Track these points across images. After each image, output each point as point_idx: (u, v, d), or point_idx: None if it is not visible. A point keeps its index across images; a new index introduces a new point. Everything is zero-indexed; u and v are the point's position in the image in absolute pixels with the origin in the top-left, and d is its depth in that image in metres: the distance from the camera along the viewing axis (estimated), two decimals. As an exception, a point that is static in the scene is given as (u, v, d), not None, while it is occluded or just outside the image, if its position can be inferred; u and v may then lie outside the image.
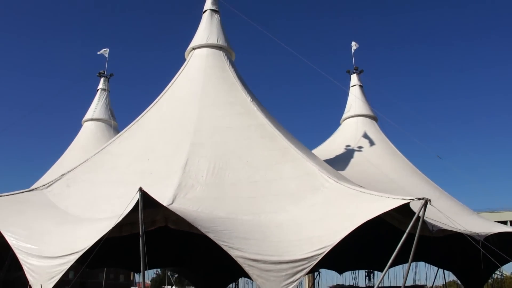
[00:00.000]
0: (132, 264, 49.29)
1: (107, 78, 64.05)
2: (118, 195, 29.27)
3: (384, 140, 53.77)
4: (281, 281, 24.58)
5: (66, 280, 35.51)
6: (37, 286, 24.62)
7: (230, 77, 42.26)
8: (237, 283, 60.51)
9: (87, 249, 24.55)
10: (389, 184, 41.93)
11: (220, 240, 25.39)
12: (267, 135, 36.64)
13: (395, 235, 29.00)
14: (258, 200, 30.75)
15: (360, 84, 58.99)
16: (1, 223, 28.75)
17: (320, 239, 25.50)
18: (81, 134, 59.87)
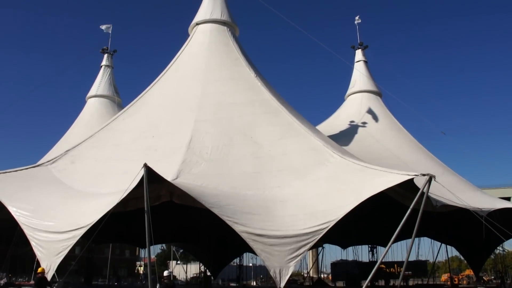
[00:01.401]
0: (138, 240, 49.81)
1: (110, 55, 63.82)
2: (123, 171, 29.41)
3: (389, 116, 53.64)
4: (285, 255, 24.82)
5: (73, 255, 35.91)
6: (45, 261, 24.95)
7: (234, 53, 42.05)
8: (241, 258, 61.06)
9: (92, 224, 24.92)
10: (393, 160, 41.92)
11: (224, 215, 25.62)
12: (271, 110, 36.59)
13: (398, 210, 29.11)
14: (262, 175, 30.85)
15: (364, 59, 58.66)
16: (7, 199, 29.02)
17: (324, 214, 25.64)
18: (85, 111, 59.89)
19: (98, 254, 73.00)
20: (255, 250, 25.05)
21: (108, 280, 69.21)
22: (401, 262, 56.80)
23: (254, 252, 27.78)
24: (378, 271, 28.61)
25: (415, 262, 60.73)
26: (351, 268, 63.15)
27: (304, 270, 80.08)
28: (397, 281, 41.91)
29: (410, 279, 61.03)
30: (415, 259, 61.01)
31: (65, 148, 38.26)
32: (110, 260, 71.92)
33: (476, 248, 43.58)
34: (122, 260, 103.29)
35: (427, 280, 63.13)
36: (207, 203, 25.54)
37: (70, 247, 25.02)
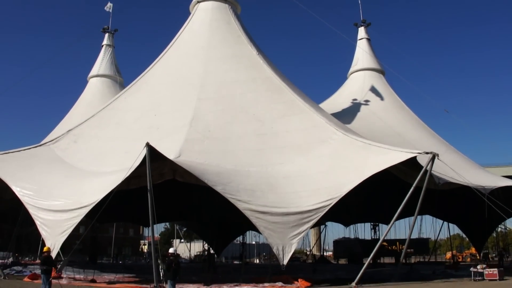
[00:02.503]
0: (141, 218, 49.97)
1: (111, 34, 63.44)
2: (125, 150, 29.41)
3: (391, 94, 53.40)
4: (288, 232, 24.96)
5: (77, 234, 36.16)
6: (50, 240, 25.12)
7: (235, 31, 41.77)
8: (245, 236, 61.37)
9: (96, 203, 25.03)
10: (396, 138, 41.85)
11: (227, 193, 25.70)
12: (273, 88, 36.47)
13: (401, 187, 29.23)
14: (265, 152, 30.86)
15: (367, 37, 58.19)
16: (11, 179, 29.09)
17: (327, 191, 25.72)
18: (87, 91, 59.76)
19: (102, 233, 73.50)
20: (258, 227, 25.19)
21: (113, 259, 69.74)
22: (403, 239, 57.09)
23: (257, 230, 27.99)
24: (380, 248, 28.72)
25: (417, 239, 61.07)
26: (353, 245, 63.45)
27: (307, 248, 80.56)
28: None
29: (412, 256, 61.38)
30: (417, 237, 61.38)
31: (67, 127, 38.27)
32: (114, 239, 72.46)
33: (478, 226, 43.69)
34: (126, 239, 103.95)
35: (429, 258, 63.47)
36: (209, 181, 25.61)
37: (74, 226, 25.19)
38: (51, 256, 21.59)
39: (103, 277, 30.72)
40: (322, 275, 33.01)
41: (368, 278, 26.46)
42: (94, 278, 28.42)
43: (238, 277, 27.71)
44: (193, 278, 27.93)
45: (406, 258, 49.45)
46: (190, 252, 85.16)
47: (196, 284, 25.05)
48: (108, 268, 42.47)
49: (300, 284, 25.17)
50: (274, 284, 25.11)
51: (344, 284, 25.34)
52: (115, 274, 32.62)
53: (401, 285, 25.44)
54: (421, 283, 26.59)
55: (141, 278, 29.56)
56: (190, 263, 67.05)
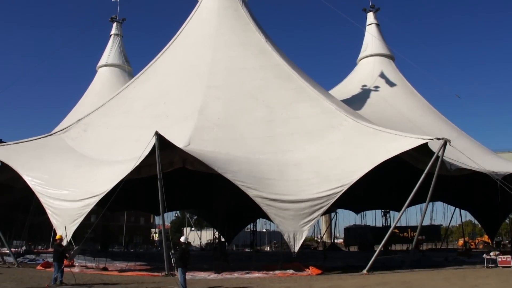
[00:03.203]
0: (152, 207, 50.22)
1: (119, 23, 63.34)
2: (135, 138, 29.45)
3: (401, 80, 52.92)
4: (299, 220, 24.87)
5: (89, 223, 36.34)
6: (61, 228, 25.24)
7: (243, 18, 41.47)
8: (255, 224, 61.49)
9: (107, 192, 25.08)
10: (406, 124, 41.53)
11: (237, 180, 25.61)
12: (282, 75, 36.25)
13: (412, 174, 29.01)
14: (275, 139, 30.74)
15: (376, 22, 57.58)
16: (22, 168, 29.26)
17: (337, 178, 25.57)
18: (96, 80, 59.85)
19: (113, 221, 73.95)
20: (269, 215, 25.12)
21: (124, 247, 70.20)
22: (414, 226, 56.92)
23: (267, 217, 27.89)
24: (391, 235, 28.60)
25: (429, 226, 60.81)
26: (364, 233, 63.48)
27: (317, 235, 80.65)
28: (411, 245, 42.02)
29: (423, 243, 61.20)
30: (429, 224, 61.09)
31: (77, 117, 38.36)
32: (126, 227, 72.85)
33: (491, 212, 43.40)
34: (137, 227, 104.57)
35: (441, 245, 63.27)
36: (220, 169, 25.55)
37: (85, 215, 25.28)
38: (62, 244, 21.75)
39: (115, 265, 30.89)
40: (333, 263, 33.02)
41: (379, 265, 26.42)
42: (106, 266, 28.59)
43: (249, 265, 27.74)
44: (204, 266, 28.01)
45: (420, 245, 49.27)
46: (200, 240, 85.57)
47: (207, 272, 25.08)
48: (120, 256, 42.77)
49: (311, 271, 25.14)
50: (285, 272, 25.11)
51: (355, 272, 25.25)
52: (126, 262, 32.82)
53: (413, 272, 25.31)
54: (433, 270, 26.44)
55: (152, 266, 29.70)
56: (201, 251, 67.40)
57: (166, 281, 21.15)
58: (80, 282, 20.35)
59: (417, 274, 24.33)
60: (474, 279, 22.17)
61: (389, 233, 27.45)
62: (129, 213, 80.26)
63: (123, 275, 24.47)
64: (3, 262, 29.93)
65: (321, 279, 23.00)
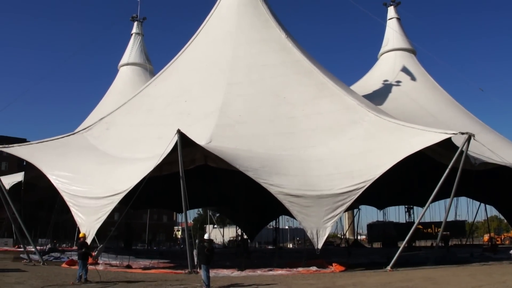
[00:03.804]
0: (175, 205, 50.41)
1: (140, 22, 63.80)
2: (157, 136, 29.58)
3: (424, 74, 52.32)
4: (322, 216, 24.70)
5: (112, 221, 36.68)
6: (85, 226, 25.48)
7: (263, 14, 41.34)
8: (278, 221, 61.44)
9: (130, 190, 25.24)
10: (429, 118, 41.04)
11: (259, 177, 25.55)
12: (303, 71, 36.06)
13: (435, 168, 28.63)
14: (296, 135, 30.61)
15: (397, 16, 56.95)
16: (46, 167, 29.62)
17: (360, 173, 25.35)
18: (118, 79, 60.39)
19: (136, 219, 74.57)
20: (292, 211, 25.02)
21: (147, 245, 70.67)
22: (438, 222, 56.27)
23: (290, 214, 27.78)
24: (415, 231, 28.24)
25: (454, 222, 60.05)
26: (388, 229, 62.97)
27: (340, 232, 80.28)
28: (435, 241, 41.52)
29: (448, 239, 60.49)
30: (453, 219, 60.33)
31: (100, 116, 38.70)
32: (149, 225, 73.32)
33: (517, 207, 42.72)
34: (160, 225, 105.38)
35: (466, 241, 62.45)
36: (241, 167, 25.52)
37: (108, 213, 25.47)
38: (87, 242, 21.94)
39: (138, 262, 31.08)
40: (357, 259, 32.78)
41: (403, 262, 26.09)
42: (129, 264, 28.76)
43: (272, 262, 27.65)
44: (227, 263, 28.00)
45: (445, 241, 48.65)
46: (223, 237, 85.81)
47: (230, 269, 25.09)
48: (143, 254, 43.05)
49: (334, 268, 24.98)
50: (309, 269, 24.97)
51: (379, 268, 25.02)
52: (150, 260, 32.99)
53: (438, 269, 24.98)
54: (459, 267, 26.07)
55: (175, 263, 29.79)
56: (223, 249, 67.51)
57: (190, 279, 21.19)
58: (105, 279, 20.48)
59: (442, 271, 23.99)
60: (501, 275, 21.80)
61: (413, 229, 27.10)
62: (152, 211, 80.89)
63: (146, 273, 24.58)
64: (29, 260, 30.30)
65: (345, 276, 22.83)
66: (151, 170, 24.42)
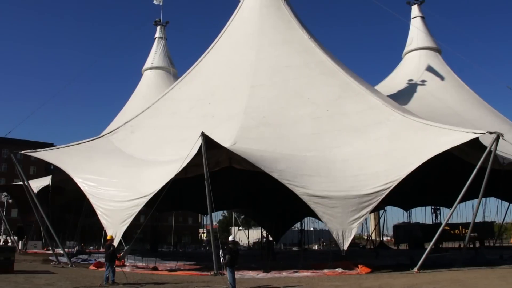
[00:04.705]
0: (200, 207, 50.67)
1: (163, 26, 64.43)
2: (181, 139, 29.69)
3: (449, 73, 51.73)
4: (348, 217, 24.47)
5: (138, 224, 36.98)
6: (111, 229, 25.73)
7: (286, 15, 41.30)
8: (303, 223, 61.18)
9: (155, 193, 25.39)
10: (455, 118, 40.53)
11: (284, 179, 25.44)
12: (327, 71, 35.90)
13: (463, 168, 28.18)
14: (321, 136, 30.44)
15: (421, 15, 56.43)
16: (73, 170, 30.02)
17: (386, 174, 25.05)
18: (142, 83, 61.05)
19: (162, 222, 75.09)
20: (317, 212, 24.85)
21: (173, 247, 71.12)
22: (466, 223, 55.42)
23: (315, 215, 27.67)
24: (442, 233, 27.78)
25: (482, 223, 59.04)
26: (414, 230, 62.20)
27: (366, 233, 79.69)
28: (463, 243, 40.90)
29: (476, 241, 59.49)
30: (482, 220, 59.33)
31: (125, 119, 39.10)
32: (174, 227, 73.80)
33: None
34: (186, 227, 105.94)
35: (494, 242, 61.36)
36: (266, 168, 25.46)
37: (134, 216, 25.66)
38: (114, 244, 22.16)
39: (165, 264, 31.27)
40: (383, 261, 32.48)
41: (430, 264, 25.75)
42: (155, 265, 28.96)
43: (297, 264, 27.56)
44: (252, 265, 28.00)
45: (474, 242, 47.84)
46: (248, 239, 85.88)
47: (255, 271, 25.07)
48: (169, 256, 43.30)
49: (360, 270, 24.76)
50: (334, 270, 24.81)
51: (405, 270, 24.72)
52: (175, 262, 33.18)
53: (466, 271, 24.56)
54: (488, 269, 25.53)
55: (201, 265, 29.90)
56: (248, 250, 67.54)
57: (215, 280, 21.23)
58: (131, 281, 20.65)
59: (470, 273, 23.54)
60: (532, 277, 21.34)
61: (441, 230, 26.69)
62: (177, 213, 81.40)
63: (172, 275, 24.71)
64: (58, 262, 30.75)
65: (371, 277, 22.61)
66: (176, 173, 24.51)
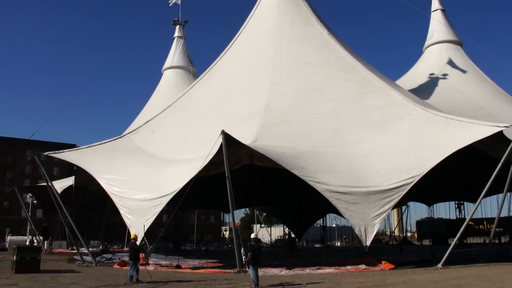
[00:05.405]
0: (222, 205, 50.80)
1: (182, 26, 64.68)
2: (202, 137, 29.78)
3: (471, 66, 51.03)
4: (370, 213, 24.32)
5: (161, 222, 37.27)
6: (134, 228, 25.94)
7: (304, 12, 41.06)
8: (325, 219, 61.04)
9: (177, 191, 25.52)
10: (478, 111, 39.95)
11: (305, 175, 25.37)
12: (347, 67, 35.67)
13: (487, 163, 27.76)
14: (342, 131, 30.30)
15: (442, 8, 55.72)
16: (96, 170, 30.31)
17: (408, 168, 24.80)
18: (162, 82, 61.46)
19: (184, 220, 75.54)
20: (339, 209, 24.74)
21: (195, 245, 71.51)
22: (491, 218, 54.74)
23: (337, 212, 27.51)
24: (466, 228, 27.40)
25: (507, 218, 58.24)
26: (438, 226, 61.70)
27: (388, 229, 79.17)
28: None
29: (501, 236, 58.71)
30: (507, 215, 58.52)
31: (145, 119, 39.37)
32: (196, 225, 74.18)
33: None
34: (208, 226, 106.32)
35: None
36: (287, 165, 25.42)
37: (157, 214, 25.81)
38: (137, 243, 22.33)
39: (188, 262, 31.42)
40: (406, 257, 32.19)
41: (454, 259, 25.44)
42: (179, 264, 29.12)
43: (320, 261, 27.47)
44: (275, 262, 27.97)
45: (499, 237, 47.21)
46: (270, 236, 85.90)
47: (278, 268, 25.05)
48: (192, 254, 43.49)
49: (384, 266, 24.58)
50: (358, 267, 24.66)
51: (429, 266, 24.47)
52: (198, 260, 33.30)
53: (491, 266, 24.22)
54: (514, 264, 25.16)
55: (224, 263, 29.97)
56: (271, 248, 67.56)
57: (238, 278, 21.24)
58: (155, 279, 20.77)
59: (496, 268, 23.20)
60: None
61: (465, 225, 26.34)
62: (200, 211, 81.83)
63: (196, 273, 24.80)
64: (82, 261, 31.09)
65: (395, 274, 22.42)
66: (197, 171, 24.59)
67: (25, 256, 24.13)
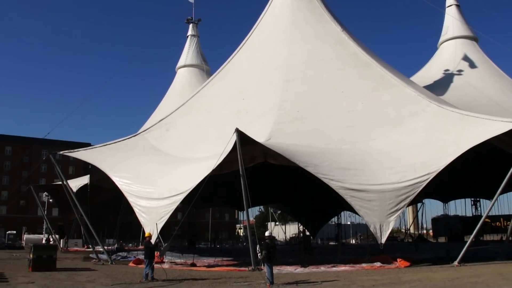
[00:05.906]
0: (236, 203, 50.88)
1: (195, 24, 64.73)
2: (216, 135, 29.86)
3: (487, 62, 50.47)
4: (385, 210, 24.15)
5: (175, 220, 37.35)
6: (149, 226, 26.06)
7: (317, 8, 40.88)
8: (339, 217, 60.84)
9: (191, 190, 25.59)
10: (495, 107, 39.45)
11: (319, 173, 25.28)
12: (361, 64, 35.45)
13: (503, 159, 27.47)
14: (356, 128, 30.16)
15: (456, 3, 55.13)
16: (110, 169, 30.50)
17: (423, 165, 24.61)
18: (176, 81, 61.61)
19: (199, 218, 75.71)
20: (353, 206, 24.63)
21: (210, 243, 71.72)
22: (508, 215, 54.19)
23: (352, 209, 27.38)
24: (482, 225, 27.10)
25: (524, 215, 57.73)
26: (454, 223, 61.24)
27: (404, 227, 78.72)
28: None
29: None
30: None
31: (159, 117, 39.50)
32: (211, 223, 74.35)
33: None
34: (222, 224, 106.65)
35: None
36: (301, 162, 25.36)
37: (171, 213, 25.91)
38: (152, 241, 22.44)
39: (202, 261, 31.51)
40: (422, 254, 31.99)
41: (471, 257, 25.22)
42: (194, 262, 29.21)
43: (335, 258, 27.40)
44: (290, 260, 27.96)
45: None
46: (285, 234, 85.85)
47: (293, 265, 25.02)
48: (206, 252, 43.63)
49: (399, 263, 24.46)
50: (373, 264, 24.57)
51: (445, 263, 24.29)
52: (213, 258, 33.41)
53: (509, 264, 23.93)
54: (532, 261, 24.87)
55: (239, 261, 30.00)
56: (285, 246, 67.51)
57: (253, 276, 21.25)
58: (171, 277, 20.86)
59: (514, 266, 23.03)
60: None
61: (481, 223, 26.09)
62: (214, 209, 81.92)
63: (211, 271, 24.86)
64: (98, 260, 31.34)
65: (410, 271, 22.29)
66: (212, 169, 24.63)
67: (42, 255, 24.41)
